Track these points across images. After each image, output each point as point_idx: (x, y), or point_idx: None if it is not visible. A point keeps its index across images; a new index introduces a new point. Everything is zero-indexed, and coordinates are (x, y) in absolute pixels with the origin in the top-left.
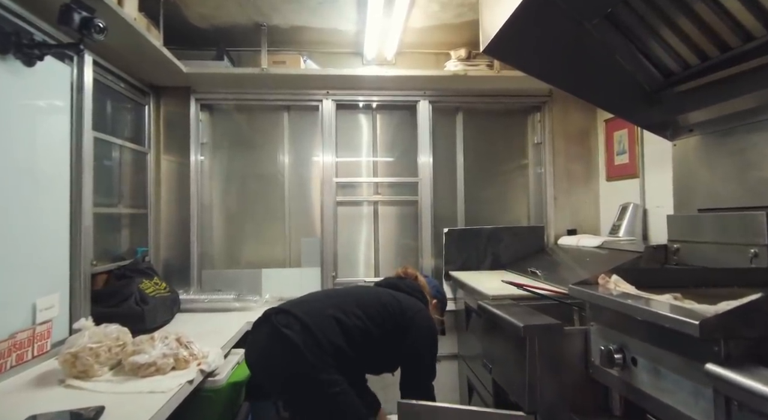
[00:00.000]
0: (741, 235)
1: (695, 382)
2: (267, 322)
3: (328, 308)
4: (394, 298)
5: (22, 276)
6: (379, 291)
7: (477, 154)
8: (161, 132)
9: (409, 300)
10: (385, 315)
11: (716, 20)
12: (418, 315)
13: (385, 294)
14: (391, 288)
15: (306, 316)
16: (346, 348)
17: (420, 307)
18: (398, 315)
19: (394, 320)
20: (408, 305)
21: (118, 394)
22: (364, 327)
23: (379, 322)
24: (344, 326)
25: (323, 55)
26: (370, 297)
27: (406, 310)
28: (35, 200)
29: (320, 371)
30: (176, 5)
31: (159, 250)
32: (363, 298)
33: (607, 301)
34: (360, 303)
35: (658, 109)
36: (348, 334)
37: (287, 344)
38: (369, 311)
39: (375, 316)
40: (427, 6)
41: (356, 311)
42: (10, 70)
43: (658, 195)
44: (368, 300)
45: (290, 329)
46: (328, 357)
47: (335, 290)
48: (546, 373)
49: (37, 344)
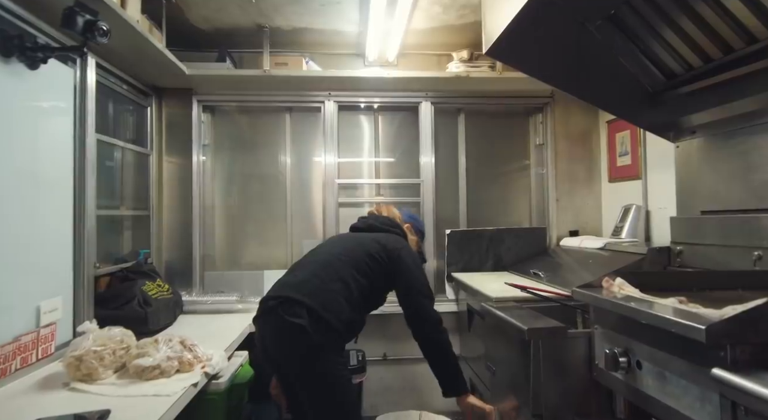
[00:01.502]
0: (745, 237)
1: (701, 387)
2: (272, 314)
3: (329, 282)
4: (378, 242)
5: (25, 279)
6: (362, 241)
7: (479, 156)
8: (163, 133)
9: (389, 238)
10: (375, 266)
11: (719, 22)
12: (402, 251)
13: (368, 242)
14: (370, 230)
15: (311, 300)
16: (355, 316)
17: (402, 243)
18: (386, 261)
19: (385, 268)
20: (391, 245)
21: (123, 398)
22: (363, 287)
23: (372, 276)
24: (350, 297)
25: (325, 57)
26: (358, 252)
27: (391, 251)
28: (38, 203)
29: (330, 352)
30: (178, 7)
31: (161, 252)
32: (354, 257)
33: (612, 304)
34: (354, 263)
35: (661, 111)
36: (353, 302)
37: (295, 331)
38: (362, 269)
39: (369, 273)
40: (429, 8)
41: (354, 275)
42: (14, 72)
43: (661, 196)
44: (358, 256)
45: (299, 318)
46: (338, 335)
47: (322, 251)
48: (550, 376)
49: (41, 347)
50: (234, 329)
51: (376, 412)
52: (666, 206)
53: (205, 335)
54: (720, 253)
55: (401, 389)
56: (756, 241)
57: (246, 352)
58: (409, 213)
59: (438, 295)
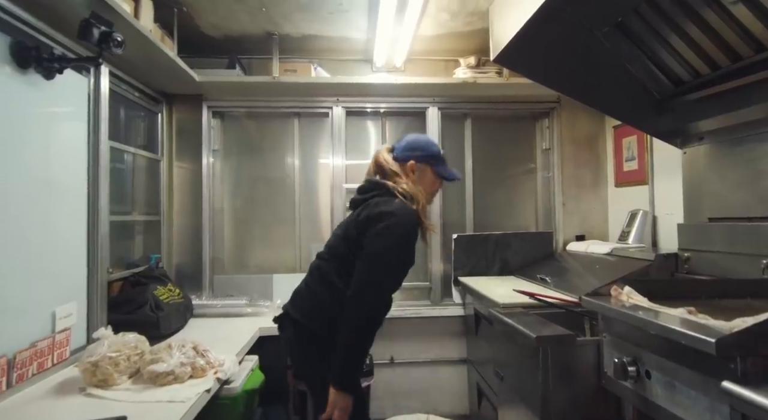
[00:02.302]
0: (753, 245)
1: (711, 398)
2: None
3: (315, 286)
4: (356, 226)
5: (40, 285)
6: (346, 229)
7: (485, 160)
8: (173, 139)
9: (369, 212)
10: (349, 245)
11: (726, 29)
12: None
13: (350, 228)
14: (355, 207)
15: (295, 311)
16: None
17: (380, 217)
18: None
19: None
20: (365, 223)
21: (138, 403)
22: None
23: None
24: (337, 296)
25: (333, 63)
26: (340, 247)
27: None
28: (53, 209)
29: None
30: (189, 15)
31: (171, 256)
32: (336, 254)
33: (621, 314)
34: (337, 260)
35: (668, 117)
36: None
37: (286, 345)
38: (347, 263)
39: (346, 255)
40: (437, 15)
41: (339, 271)
42: (30, 82)
43: (668, 202)
44: (341, 251)
45: (285, 331)
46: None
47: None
48: (558, 384)
49: (56, 352)
50: (244, 333)
51: (384, 415)
52: (673, 212)
53: (215, 339)
54: (728, 261)
55: (408, 393)
56: (764, 249)
57: (256, 357)
58: (406, 142)
59: (445, 299)
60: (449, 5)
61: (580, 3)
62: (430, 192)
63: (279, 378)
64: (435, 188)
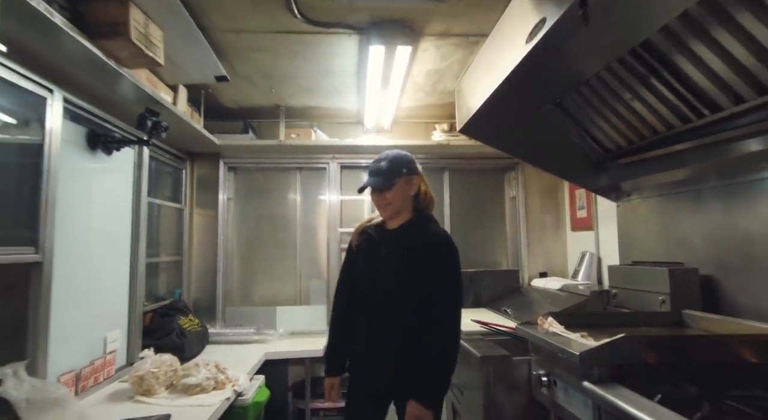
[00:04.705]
0: (655, 284)
1: (584, 396)
2: None
3: None
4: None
5: (97, 315)
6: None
7: (462, 206)
8: (194, 190)
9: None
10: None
11: (645, 111)
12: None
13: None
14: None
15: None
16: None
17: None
18: None
19: None
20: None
21: (175, 407)
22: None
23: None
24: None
25: (330, 125)
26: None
27: None
28: (107, 255)
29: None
30: (213, 94)
31: (190, 291)
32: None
33: (536, 338)
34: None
35: (603, 177)
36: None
37: None
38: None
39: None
40: (414, 94)
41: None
42: (95, 158)
43: (610, 246)
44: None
45: None
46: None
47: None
48: (499, 395)
49: (106, 369)
50: (252, 357)
51: None
52: (611, 254)
53: (229, 362)
54: (641, 297)
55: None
56: (661, 288)
57: (263, 376)
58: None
59: None
60: (423, 87)
61: (525, 88)
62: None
63: (281, 396)
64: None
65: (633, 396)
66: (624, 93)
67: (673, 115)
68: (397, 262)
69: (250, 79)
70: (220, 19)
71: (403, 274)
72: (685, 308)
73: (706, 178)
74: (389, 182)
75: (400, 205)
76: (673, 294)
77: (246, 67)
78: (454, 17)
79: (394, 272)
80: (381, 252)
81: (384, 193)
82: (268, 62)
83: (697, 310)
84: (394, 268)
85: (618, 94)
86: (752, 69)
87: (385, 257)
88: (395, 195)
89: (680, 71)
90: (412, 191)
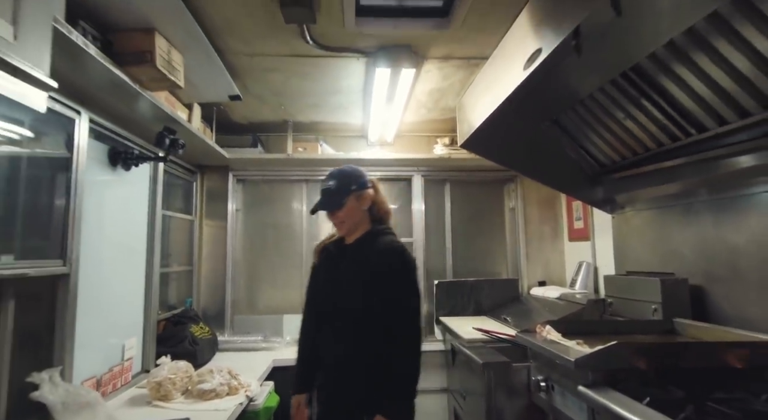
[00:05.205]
0: (648, 294)
1: (579, 399)
2: None
3: None
4: None
5: (114, 324)
6: None
7: (462, 217)
8: (204, 202)
9: None
10: None
11: (636, 129)
12: None
13: None
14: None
15: None
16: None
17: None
18: None
19: None
20: None
21: (192, 411)
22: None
23: None
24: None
25: (336, 138)
26: None
27: None
28: (124, 265)
29: None
30: (225, 111)
31: (200, 299)
32: None
33: (534, 345)
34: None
35: (599, 190)
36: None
37: None
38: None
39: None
40: (417, 110)
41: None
42: (115, 174)
43: (606, 256)
44: None
45: None
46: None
47: None
48: (501, 399)
49: (123, 376)
50: (260, 363)
51: None
52: (608, 264)
53: (239, 368)
54: (634, 306)
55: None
56: (654, 297)
57: (272, 382)
58: (336, 179)
59: (428, 336)
60: (426, 103)
61: (523, 107)
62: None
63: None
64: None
65: (624, 399)
66: (617, 112)
67: (663, 134)
68: (356, 276)
69: (261, 96)
70: (236, 43)
71: (362, 288)
72: (676, 317)
73: (695, 193)
74: (339, 202)
75: (355, 220)
76: (664, 303)
77: (258, 86)
78: (457, 42)
79: (353, 286)
80: (341, 267)
81: (336, 213)
82: (279, 82)
83: (688, 318)
84: (353, 282)
85: (611, 113)
86: (733, 93)
87: (344, 272)
88: (347, 213)
89: (668, 93)
90: (365, 206)
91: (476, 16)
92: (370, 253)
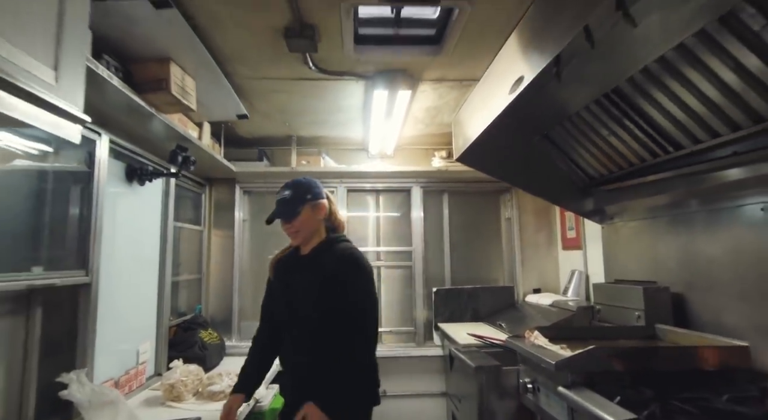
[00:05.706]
0: (632, 301)
1: (561, 400)
2: None
3: None
4: None
5: (130, 329)
6: None
7: (460, 227)
8: (212, 212)
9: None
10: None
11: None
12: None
13: None
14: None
15: None
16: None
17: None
18: None
19: None
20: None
21: (203, 411)
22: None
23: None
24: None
25: (338, 151)
26: None
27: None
28: (139, 275)
29: None
30: (232, 128)
31: (208, 306)
32: None
33: (523, 349)
34: None
35: (589, 201)
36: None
37: None
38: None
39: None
40: (415, 125)
41: None
42: (130, 189)
43: (596, 264)
44: None
45: None
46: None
47: None
48: (492, 401)
49: (138, 378)
50: None
51: None
52: (598, 272)
53: None
54: (620, 312)
55: None
56: (637, 305)
57: (277, 385)
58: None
59: (427, 342)
60: (423, 120)
61: (514, 123)
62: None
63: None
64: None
65: (598, 398)
66: (601, 129)
67: (644, 150)
68: (311, 284)
69: (266, 114)
70: (244, 69)
71: (318, 295)
72: (658, 323)
73: (680, 205)
74: (294, 211)
75: (310, 230)
76: (647, 310)
77: (263, 105)
78: (449, 66)
79: (309, 294)
80: (296, 277)
81: (291, 222)
82: (283, 101)
83: (669, 324)
84: (309, 290)
85: (597, 130)
86: (703, 116)
87: (299, 282)
88: (302, 222)
89: (646, 114)
90: (320, 215)
91: (466, 44)
92: (326, 261)
